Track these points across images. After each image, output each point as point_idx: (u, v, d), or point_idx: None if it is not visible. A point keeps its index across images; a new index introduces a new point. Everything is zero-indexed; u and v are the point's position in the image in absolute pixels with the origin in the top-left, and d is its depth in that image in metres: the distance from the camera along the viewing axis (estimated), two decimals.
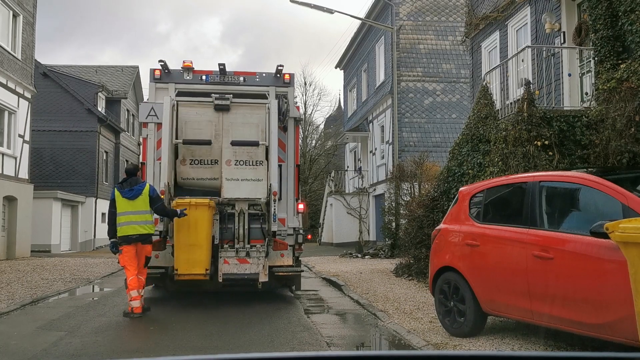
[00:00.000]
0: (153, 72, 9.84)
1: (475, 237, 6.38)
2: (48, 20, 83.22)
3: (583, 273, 5.03)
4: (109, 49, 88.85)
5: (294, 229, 9.71)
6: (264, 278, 9.02)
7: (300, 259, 10.24)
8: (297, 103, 10.71)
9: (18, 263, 16.52)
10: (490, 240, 6.20)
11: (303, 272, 10.44)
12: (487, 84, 10.87)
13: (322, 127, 47.29)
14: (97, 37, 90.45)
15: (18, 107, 19.08)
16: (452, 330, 6.57)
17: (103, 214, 26.51)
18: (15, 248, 18.80)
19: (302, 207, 10.21)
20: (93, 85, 28.82)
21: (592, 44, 9.61)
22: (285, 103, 9.80)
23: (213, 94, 9.60)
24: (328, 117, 47.01)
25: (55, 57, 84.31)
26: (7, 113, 18.65)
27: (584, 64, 10.65)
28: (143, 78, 36.98)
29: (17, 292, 10.53)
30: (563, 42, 11.14)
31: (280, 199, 9.50)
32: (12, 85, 18.65)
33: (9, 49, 18.48)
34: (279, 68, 9.85)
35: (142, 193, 8.27)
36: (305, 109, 41.30)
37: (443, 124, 23.18)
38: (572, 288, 5.13)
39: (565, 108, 9.86)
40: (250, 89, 9.97)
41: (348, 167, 31.00)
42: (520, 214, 5.93)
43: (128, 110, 33.50)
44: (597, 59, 9.31)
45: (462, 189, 7.23)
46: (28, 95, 20.01)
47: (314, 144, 45.38)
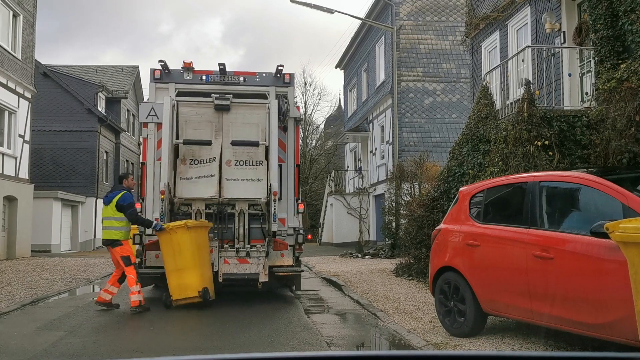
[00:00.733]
0: (153, 72, 9.83)
1: (476, 237, 6.37)
2: (51, 22, 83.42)
3: (583, 273, 5.03)
4: (111, 50, 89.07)
5: (294, 229, 9.70)
6: (264, 278, 9.03)
7: (301, 259, 10.24)
8: (297, 103, 10.70)
9: (18, 263, 16.51)
10: (491, 240, 6.20)
11: (303, 272, 10.43)
12: (487, 84, 10.87)
13: (322, 127, 47.34)
14: (99, 38, 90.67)
15: (18, 107, 19.08)
16: (452, 330, 6.56)
17: None
18: (16, 248, 18.80)
19: (301, 208, 10.22)
20: (93, 85, 28.81)
21: (592, 44, 9.60)
22: (286, 103, 9.80)
23: (213, 94, 9.60)
24: (328, 117, 47.03)
25: (58, 58, 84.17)
26: (7, 113, 18.64)
27: (584, 64, 10.64)
28: (143, 78, 37.06)
29: (17, 292, 10.53)
30: (563, 42, 11.14)
31: (281, 199, 9.50)
32: (12, 85, 18.65)
33: (9, 49, 18.47)
34: (279, 68, 9.84)
35: (112, 200, 8.70)
36: (306, 109, 41.33)
37: (443, 124, 23.17)
38: (572, 288, 5.13)
39: (566, 108, 9.86)
40: (251, 89, 9.96)
41: (348, 167, 30.99)
42: (521, 214, 5.93)
43: (128, 110, 33.49)
44: (597, 59, 9.30)
45: (462, 189, 7.23)
46: (28, 95, 20.00)
47: (314, 144, 45.39)
